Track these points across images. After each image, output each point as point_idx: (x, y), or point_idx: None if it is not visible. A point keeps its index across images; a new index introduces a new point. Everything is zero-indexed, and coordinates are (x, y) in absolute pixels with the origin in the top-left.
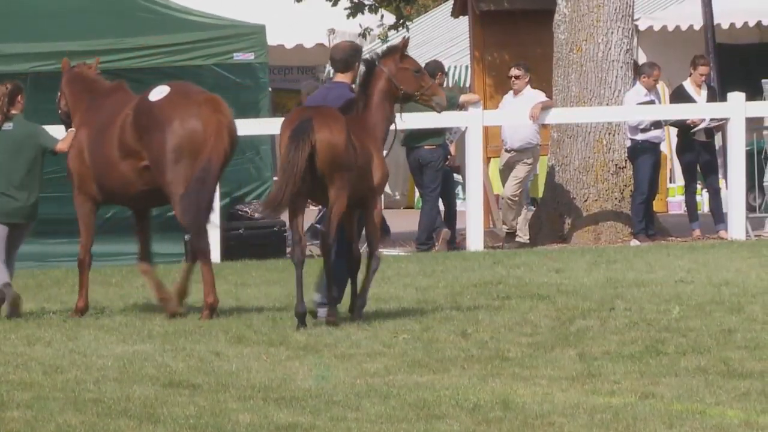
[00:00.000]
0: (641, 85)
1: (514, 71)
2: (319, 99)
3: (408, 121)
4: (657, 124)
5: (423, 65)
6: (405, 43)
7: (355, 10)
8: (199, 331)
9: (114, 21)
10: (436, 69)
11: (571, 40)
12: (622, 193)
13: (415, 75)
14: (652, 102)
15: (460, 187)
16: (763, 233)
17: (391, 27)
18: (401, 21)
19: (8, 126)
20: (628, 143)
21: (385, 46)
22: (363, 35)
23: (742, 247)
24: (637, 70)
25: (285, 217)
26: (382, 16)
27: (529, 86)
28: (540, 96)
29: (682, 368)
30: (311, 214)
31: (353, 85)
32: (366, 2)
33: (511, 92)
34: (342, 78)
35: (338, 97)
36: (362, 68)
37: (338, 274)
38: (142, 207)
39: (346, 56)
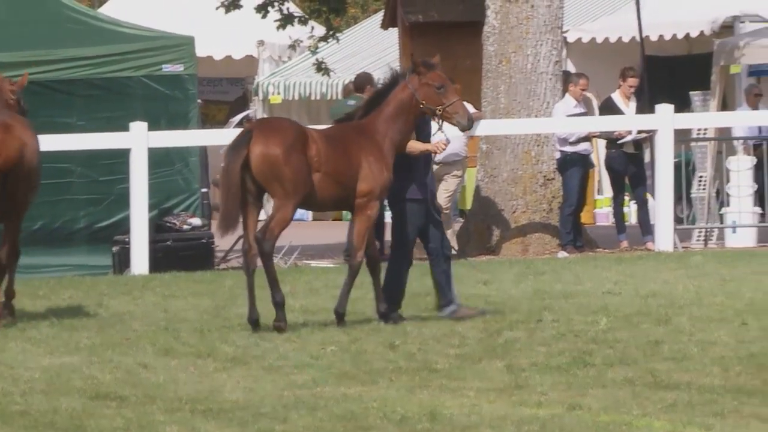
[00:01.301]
0: (570, 96)
1: None
2: None
3: None
4: (585, 137)
5: (354, 77)
6: (437, 60)
7: (285, 21)
8: (127, 343)
9: (43, 32)
10: (365, 81)
11: (501, 52)
12: (550, 205)
13: (437, 91)
14: (583, 114)
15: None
16: (690, 245)
17: (321, 39)
18: (331, 32)
19: None
20: (557, 155)
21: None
22: (292, 47)
23: (669, 259)
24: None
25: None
26: (312, 28)
27: None
28: (468, 108)
29: (609, 379)
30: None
31: None
32: (296, 14)
33: None
34: None
35: None
36: (387, 76)
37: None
38: None
39: None
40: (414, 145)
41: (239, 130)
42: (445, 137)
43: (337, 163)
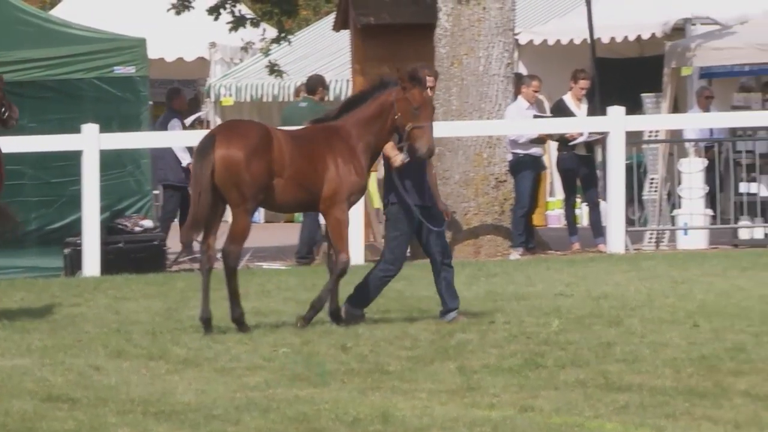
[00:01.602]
0: (523, 99)
1: None
2: None
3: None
4: (538, 140)
5: (306, 79)
6: (425, 74)
7: (237, 24)
8: (78, 345)
9: None
10: (317, 83)
11: (452, 54)
12: (502, 207)
13: (413, 110)
14: (537, 116)
15: None
16: (641, 247)
17: (273, 41)
18: (282, 35)
19: None
20: (509, 157)
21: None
22: (245, 49)
23: (621, 261)
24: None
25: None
26: (264, 30)
27: None
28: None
29: (561, 381)
30: None
31: None
32: (247, 16)
33: None
34: None
35: None
36: (378, 79)
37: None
38: None
39: None
40: (386, 148)
41: (188, 132)
42: (406, 157)
43: (302, 165)
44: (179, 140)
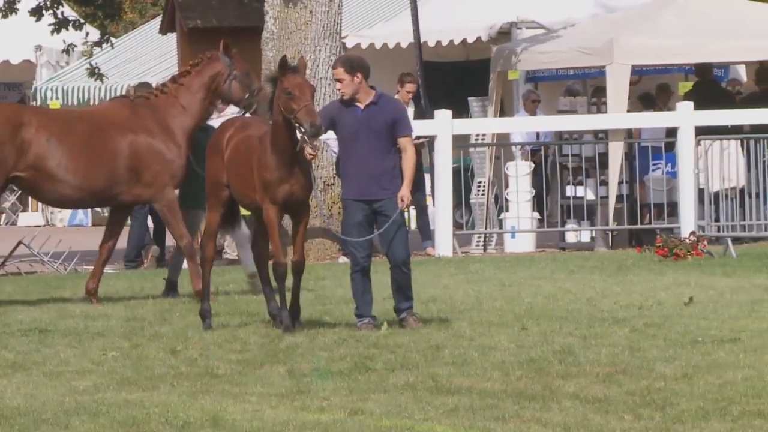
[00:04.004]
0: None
1: None
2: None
3: None
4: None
5: (134, 84)
6: (302, 63)
7: (59, 26)
8: None
9: None
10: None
11: (280, 58)
12: (330, 210)
13: (287, 96)
14: None
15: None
16: (470, 250)
17: (95, 44)
18: (105, 37)
19: None
20: (336, 160)
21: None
22: (66, 51)
23: (449, 264)
24: None
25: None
26: (87, 33)
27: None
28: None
29: (390, 384)
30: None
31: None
32: (70, 18)
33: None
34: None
35: None
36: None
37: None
38: None
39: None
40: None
41: None
42: (329, 149)
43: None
44: None
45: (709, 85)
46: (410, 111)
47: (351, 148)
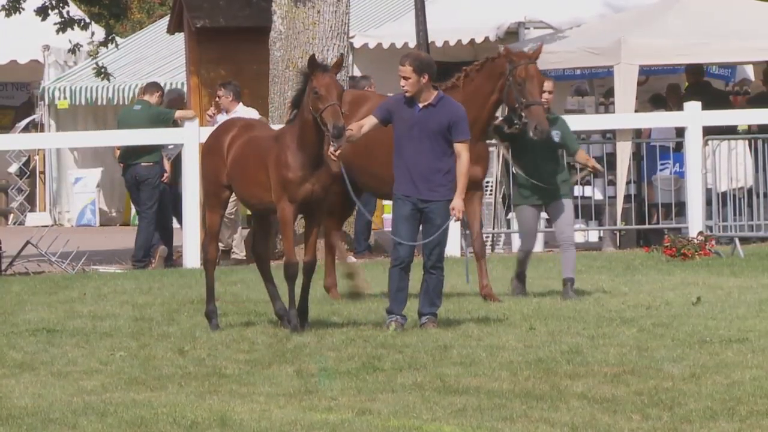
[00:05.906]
0: None
1: (218, 91)
2: None
3: (124, 137)
4: None
5: (142, 85)
6: (340, 62)
7: (65, 25)
8: None
9: None
10: (153, 87)
11: (287, 57)
12: None
13: (314, 96)
14: None
15: None
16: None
17: (101, 44)
18: (110, 37)
19: None
20: None
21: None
22: (72, 51)
23: (457, 264)
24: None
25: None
26: (93, 33)
27: (241, 104)
28: (252, 113)
29: (398, 384)
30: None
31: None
32: (76, 17)
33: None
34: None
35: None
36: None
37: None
38: None
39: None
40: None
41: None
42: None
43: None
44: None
45: (703, 87)
46: None
47: (404, 145)
